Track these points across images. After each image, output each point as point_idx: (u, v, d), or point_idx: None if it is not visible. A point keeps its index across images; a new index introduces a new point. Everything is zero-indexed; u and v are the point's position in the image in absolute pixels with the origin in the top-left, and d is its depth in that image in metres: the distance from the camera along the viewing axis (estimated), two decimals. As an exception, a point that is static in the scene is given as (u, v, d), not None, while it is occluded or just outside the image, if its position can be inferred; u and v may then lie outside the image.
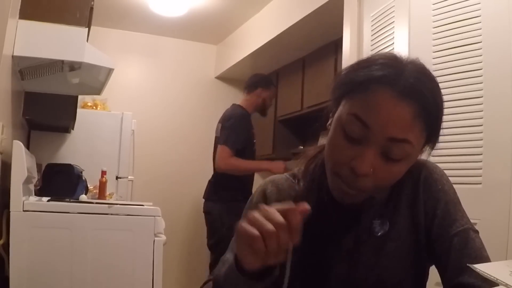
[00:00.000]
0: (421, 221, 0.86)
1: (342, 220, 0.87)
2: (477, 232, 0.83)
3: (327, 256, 0.85)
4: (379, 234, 0.85)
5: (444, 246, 0.81)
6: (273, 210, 0.68)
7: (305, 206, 0.68)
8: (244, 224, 0.68)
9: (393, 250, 0.85)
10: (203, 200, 3.57)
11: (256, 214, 0.68)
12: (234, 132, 3.28)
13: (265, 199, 0.96)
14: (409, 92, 0.76)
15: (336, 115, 0.83)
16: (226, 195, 3.30)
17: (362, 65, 0.81)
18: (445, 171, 0.92)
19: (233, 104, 3.58)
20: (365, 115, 0.77)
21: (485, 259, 0.79)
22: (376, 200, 0.87)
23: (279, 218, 0.67)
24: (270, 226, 0.66)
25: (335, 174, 0.81)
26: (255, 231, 0.66)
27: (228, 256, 0.83)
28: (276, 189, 0.96)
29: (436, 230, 0.84)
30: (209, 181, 3.58)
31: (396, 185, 0.88)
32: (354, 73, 0.81)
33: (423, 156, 0.88)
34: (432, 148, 0.85)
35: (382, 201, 0.88)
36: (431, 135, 0.82)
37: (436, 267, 0.84)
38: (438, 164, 0.92)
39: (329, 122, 0.86)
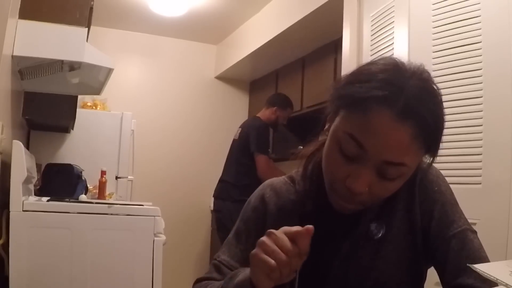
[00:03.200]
0: (417, 223, 0.86)
1: (340, 224, 0.87)
2: (475, 232, 0.83)
3: (325, 260, 0.85)
4: (377, 237, 0.85)
5: (442, 248, 0.81)
6: (283, 237, 0.70)
7: (311, 227, 0.70)
8: (259, 254, 0.70)
9: (390, 252, 0.85)
10: (213, 198, 3.83)
11: (268, 242, 0.70)
12: (265, 140, 3.68)
13: (264, 203, 0.96)
14: (409, 113, 0.74)
15: (333, 127, 0.82)
16: (235, 194, 3.54)
17: (363, 78, 0.78)
18: (444, 171, 0.92)
19: (254, 116, 3.95)
20: (362, 137, 0.76)
21: (484, 259, 0.79)
22: (374, 204, 0.87)
23: (290, 246, 0.70)
24: (283, 256, 0.69)
25: (333, 190, 0.82)
26: (272, 262, 0.69)
27: (237, 272, 0.83)
28: (274, 193, 0.96)
29: (433, 231, 0.83)
30: (219, 180, 3.79)
31: None
32: (353, 87, 0.78)
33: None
34: (431, 160, 0.84)
35: (379, 204, 0.88)
36: (429, 151, 0.81)
37: (435, 268, 0.84)
38: (437, 164, 0.91)
39: (326, 127, 0.86)
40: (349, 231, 0.86)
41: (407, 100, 0.74)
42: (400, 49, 2.17)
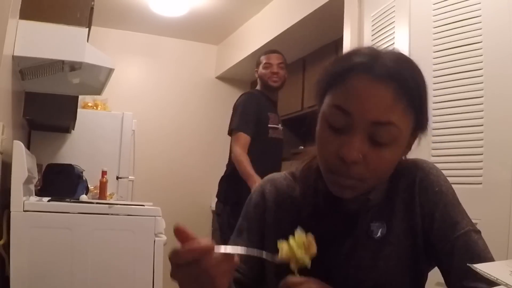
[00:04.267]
0: (418, 225, 0.84)
1: (340, 224, 0.86)
2: (479, 232, 0.82)
3: (326, 261, 0.84)
4: (377, 237, 0.85)
5: (446, 250, 0.80)
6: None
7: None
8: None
9: (390, 253, 0.84)
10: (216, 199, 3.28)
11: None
12: (241, 113, 3.00)
13: (264, 199, 0.95)
14: (387, 75, 0.76)
15: (320, 112, 0.83)
16: (232, 195, 2.97)
17: (340, 59, 0.83)
18: (445, 171, 0.90)
19: None
20: (345, 103, 0.77)
21: (489, 260, 0.78)
22: (372, 203, 0.86)
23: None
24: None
25: (329, 171, 0.80)
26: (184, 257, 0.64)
27: None
28: (275, 189, 0.96)
29: (436, 233, 0.82)
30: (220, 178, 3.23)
31: (391, 187, 0.87)
32: (332, 67, 0.82)
33: (416, 144, 0.86)
34: (422, 132, 0.84)
35: (378, 203, 0.87)
36: (418, 118, 0.80)
37: (439, 270, 0.83)
38: (438, 164, 0.91)
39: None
40: (349, 231, 0.86)
41: (383, 64, 0.77)
42: (401, 49, 2.17)
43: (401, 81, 0.76)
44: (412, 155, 0.92)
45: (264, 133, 3.01)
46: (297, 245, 0.74)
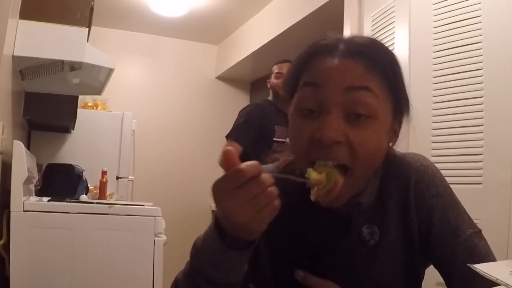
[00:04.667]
0: (414, 230, 0.80)
1: (331, 232, 0.81)
2: (480, 232, 0.79)
3: (319, 268, 0.80)
4: (370, 243, 0.79)
5: (447, 256, 0.76)
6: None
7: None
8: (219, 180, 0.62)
9: (385, 260, 0.80)
10: None
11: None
12: (237, 128, 3.00)
13: None
14: (352, 51, 0.71)
15: (290, 109, 0.77)
16: None
17: (299, 53, 0.78)
18: (445, 171, 0.87)
19: None
20: (313, 77, 0.71)
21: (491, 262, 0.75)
22: (364, 207, 0.80)
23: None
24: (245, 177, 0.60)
25: (311, 164, 0.71)
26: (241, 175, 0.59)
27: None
28: None
29: (435, 239, 0.78)
30: None
31: (382, 188, 0.82)
32: (292, 64, 0.77)
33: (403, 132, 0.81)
34: (404, 116, 0.78)
35: (370, 206, 0.81)
36: (396, 97, 0.75)
37: (440, 273, 0.80)
38: (438, 165, 0.88)
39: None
40: (341, 238, 0.81)
41: (351, 43, 0.73)
42: (401, 49, 2.17)
43: (370, 56, 0.71)
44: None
45: (267, 147, 2.85)
46: (325, 172, 0.69)
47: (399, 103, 0.76)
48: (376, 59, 0.71)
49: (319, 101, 0.70)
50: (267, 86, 3.16)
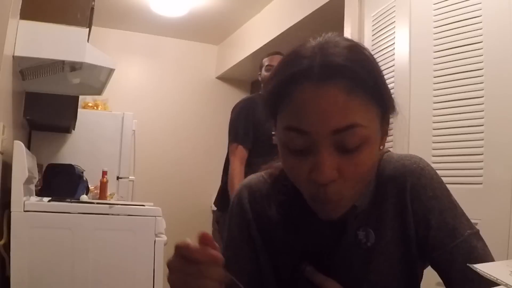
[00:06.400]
0: (411, 232, 0.79)
1: (327, 234, 0.81)
2: (478, 233, 0.78)
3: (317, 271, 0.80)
4: (366, 246, 0.79)
5: (445, 258, 0.76)
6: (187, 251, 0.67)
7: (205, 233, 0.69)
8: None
9: (382, 263, 0.79)
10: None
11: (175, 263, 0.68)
12: (233, 122, 2.86)
13: (244, 212, 0.88)
14: (329, 73, 0.67)
15: (277, 137, 0.75)
16: (225, 203, 2.71)
17: (278, 71, 0.74)
18: (445, 171, 0.89)
19: None
20: (297, 122, 0.69)
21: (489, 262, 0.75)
22: (359, 210, 0.80)
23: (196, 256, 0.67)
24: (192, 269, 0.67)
25: (311, 199, 0.73)
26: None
27: None
28: (253, 198, 0.88)
29: (432, 241, 0.77)
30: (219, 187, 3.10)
31: (378, 191, 0.81)
32: (272, 86, 0.73)
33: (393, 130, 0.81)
34: (392, 113, 0.76)
35: (365, 209, 0.80)
36: (382, 103, 0.72)
37: (438, 275, 0.80)
38: (438, 164, 0.88)
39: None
40: (336, 242, 0.80)
41: (326, 63, 0.68)
42: (401, 49, 2.17)
43: (350, 76, 0.68)
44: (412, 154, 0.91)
45: (265, 146, 2.66)
46: None
47: (385, 106, 0.74)
48: (356, 77, 0.68)
49: (307, 143, 0.69)
50: (259, 79, 3.06)
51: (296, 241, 0.82)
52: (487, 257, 0.76)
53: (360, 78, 0.68)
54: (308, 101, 0.67)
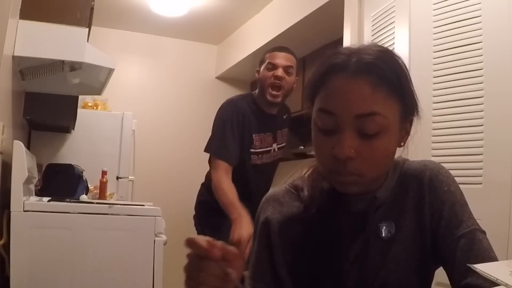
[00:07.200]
0: (427, 223, 0.85)
1: (349, 225, 0.87)
2: (484, 232, 0.83)
3: (336, 262, 0.85)
4: (386, 237, 0.86)
5: (451, 247, 0.81)
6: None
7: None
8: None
9: (399, 253, 0.85)
10: None
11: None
12: (217, 135, 2.52)
13: (268, 226, 0.94)
14: (362, 70, 0.79)
15: (312, 116, 0.87)
16: (209, 224, 2.52)
17: (320, 63, 0.87)
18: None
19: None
20: (327, 105, 0.81)
21: (493, 260, 0.79)
22: (380, 202, 0.87)
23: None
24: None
25: (328, 171, 0.83)
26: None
27: None
28: (279, 207, 0.95)
29: (442, 231, 0.83)
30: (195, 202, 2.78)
31: (399, 186, 0.89)
32: (314, 73, 0.87)
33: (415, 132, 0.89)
34: (414, 115, 0.87)
35: (387, 202, 0.88)
36: (404, 102, 0.83)
37: (444, 268, 0.84)
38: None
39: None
40: (358, 232, 0.87)
41: (359, 60, 0.80)
42: (401, 49, 2.17)
43: (377, 73, 0.79)
44: (412, 154, 0.92)
45: (244, 160, 2.43)
46: None
47: (408, 106, 0.84)
48: (383, 75, 0.79)
49: (334, 123, 0.80)
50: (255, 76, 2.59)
51: (316, 231, 0.87)
52: (490, 253, 0.81)
53: (386, 76, 0.80)
54: (340, 89, 0.80)
